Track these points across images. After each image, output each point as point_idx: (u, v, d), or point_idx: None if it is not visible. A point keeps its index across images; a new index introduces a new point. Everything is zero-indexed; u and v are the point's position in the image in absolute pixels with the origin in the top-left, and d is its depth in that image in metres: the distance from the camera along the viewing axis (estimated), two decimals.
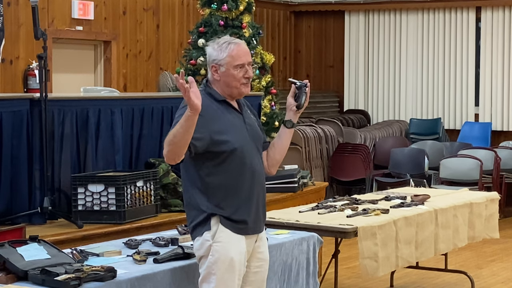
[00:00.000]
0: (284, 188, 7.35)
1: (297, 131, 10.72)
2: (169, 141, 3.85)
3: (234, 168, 4.05)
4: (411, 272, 7.69)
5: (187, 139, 3.84)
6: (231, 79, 4.08)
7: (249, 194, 4.11)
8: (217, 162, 4.03)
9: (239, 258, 4.07)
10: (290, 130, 4.29)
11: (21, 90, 9.04)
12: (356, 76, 13.27)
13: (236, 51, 4.07)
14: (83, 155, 6.13)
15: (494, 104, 12.38)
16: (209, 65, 4.13)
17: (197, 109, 3.75)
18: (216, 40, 4.15)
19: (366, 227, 5.61)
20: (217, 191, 4.05)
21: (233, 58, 4.07)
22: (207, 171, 4.03)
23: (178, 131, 3.81)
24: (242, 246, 4.09)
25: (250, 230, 4.13)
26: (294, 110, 4.25)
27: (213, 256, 4.02)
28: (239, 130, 4.10)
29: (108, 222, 5.72)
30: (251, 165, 4.11)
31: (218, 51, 4.08)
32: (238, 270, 4.06)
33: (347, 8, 13.24)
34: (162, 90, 9.61)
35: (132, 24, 10.51)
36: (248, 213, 4.11)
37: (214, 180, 4.04)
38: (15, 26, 9.08)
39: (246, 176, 4.09)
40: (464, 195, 7.09)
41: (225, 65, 4.07)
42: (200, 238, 4.07)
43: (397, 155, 11.32)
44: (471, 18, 12.51)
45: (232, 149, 4.03)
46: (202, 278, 4.09)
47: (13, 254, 3.94)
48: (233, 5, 9.01)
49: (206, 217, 4.05)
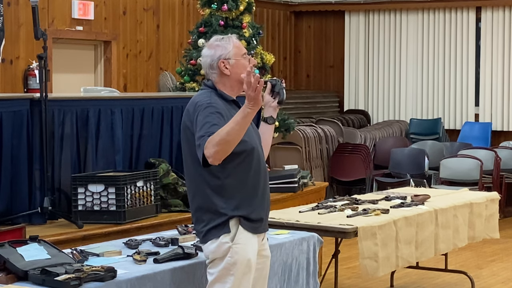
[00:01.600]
0: (284, 188, 7.35)
1: (297, 131, 10.72)
2: (221, 140, 3.81)
3: (252, 168, 4.08)
4: (411, 272, 7.69)
5: (241, 136, 3.85)
6: (242, 68, 4.09)
7: (263, 193, 4.16)
8: (237, 162, 4.03)
9: (255, 258, 4.11)
10: (271, 126, 4.36)
11: (21, 90, 9.04)
12: (356, 76, 13.27)
13: (238, 43, 4.17)
14: (83, 155, 6.13)
15: (494, 104, 12.38)
16: (215, 64, 4.11)
17: (260, 105, 3.78)
18: (212, 39, 4.19)
19: (366, 227, 5.61)
20: (236, 192, 4.05)
21: (238, 48, 4.14)
22: (227, 172, 4.02)
23: (234, 129, 3.80)
24: (256, 246, 4.13)
25: (263, 228, 4.18)
26: (274, 106, 4.30)
27: (232, 258, 4.03)
28: (250, 130, 4.12)
29: (108, 222, 5.72)
30: (264, 164, 4.18)
31: (222, 46, 4.11)
32: (253, 270, 4.11)
33: (347, 8, 13.23)
34: (162, 90, 9.61)
35: (132, 24, 10.51)
36: (263, 211, 4.16)
37: (233, 181, 4.04)
38: (15, 26, 9.08)
39: (261, 175, 4.14)
40: (464, 195, 7.09)
41: (233, 57, 4.11)
42: (216, 240, 4.05)
43: (397, 155, 11.32)
44: (471, 18, 12.51)
45: (251, 148, 4.07)
46: (215, 279, 4.08)
47: (13, 254, 3.94)
48: (233, 5, 9.00)
49: (225, 220, 4.04)
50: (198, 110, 4.00)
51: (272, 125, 4.36)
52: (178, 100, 6.93)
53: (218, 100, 4.05)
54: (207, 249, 4.10)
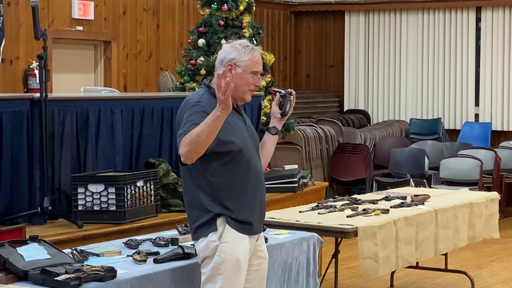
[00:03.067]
0: (284, 188, 7.35)
1: (297, 131, 10.72)
2: (192, 140, 3.82)
3: (239, 169, 4.07)
4: (411, 272, 7.69)
5: (211, 138, 3.84)
6: (243, 82, 4.09)
7: (253, 195, 4.13)
8: (223, 162, 4.04)
9: (245, 258, 4.09)
10: (274, 137, 4.40)
11: (21, 90, 9.03)
12: (356, 76, 13.27)
13: (257, 59, 4.13)
14: (83, 155, 6.12)
15: (494, 104, 12.38)
16: (223, 62, 4.11)
17: (230, 109, 3.76)
18: (238, 41, 4.18)
19: (366, 227, 5.61)
20: (222, 191, 4.05)
21: (253, 63, 4.11)
22: (212, 171, 4.03)
23: (204, 131, 3.79)
24: (247, 246, 4.11)
25: (254, 231, 4.16)
26: (278, 117, 4.38)
27: (220, 257, 4.03)
28: (242, 132, 4.13)
29: (108, 222, 5.72)
30: (255, 166, 4.14)
31: (241, 52, 4.09)
32: (243, 270, 4.09)
33: (347, 8, 13.23)
34: (162, 90, 9.61)
35: (132, 24, 10.50)
36: (253, 214, 4.13)
37: (219, 180, 4.04)
38: (15, 26, 9.08)
39: (251, 176, 4.12)
40: (464, 195, 7.09)
41: (243, 68, 4.09)
42: (205, 239, 4.06)
43: (397, 155, 11.32)
44: (471, 18, 12.51)
45: (238, 150, 4.06)
46: (206, 278, 4.08)
47: (13, 254, 3.94)
48: (233, 5, 9.00)
49: (212, 218, 4.05)
50: (186, 107, 4.03)
51: (275, 136, 4.39)
52: (178, 100, 6.86)
53: (211, 98, 4.03)
54: (198, 247, 4.12)
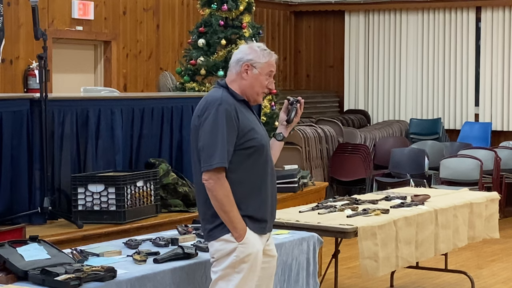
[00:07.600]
0: (284, 188, 7.35)
1: (297, 131, 10.73)
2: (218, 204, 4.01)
3: (259, 165, 4.12)
4: (411, 272, 7.69)
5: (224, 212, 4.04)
6: (258, 84, 4.17)
7: (269, 192, 4.18)
8: (243, 158, 4.06)
9: (260, 257, 4.13)
10: (280, 143, 4.47)
11: (21, 90, 9.04)
12: (356, 76, 13.27)
13: (273, 62, 4.23)
14: (83, 155, 6.12)
15: (494, 104, 12.38)
16: (240, 63, 4.16)
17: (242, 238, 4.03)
18: (256, 44, 4.26)
19: (366, 227, 5.61)
20: (240, 188, 4.06)
21: (268, 66, 4.20)
22: (231, 167, 4.04)
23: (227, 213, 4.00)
24: (260, 245, 4.15)
25: (267, 229, 4.21)
26: (285, 124, 4.47)
27: (238, 257, 4.05)
28: (260, 128, 4.19)
29: (108, 222, 5.72)
30: (271, 163, 4.22)
31: (260, 54, 4.18)
32: (259, 269, 4.14)
33: (347, 8, 13.24)
34: (162, 90, 9.60)
35: (132, 24, 10.50)
36: (267, 212, 4.18)
37: (237, 177, 4.05)
38: (15, 26, 9.08)
39: (268, 174, 4.16)
40: (464, 195, 7.09)
41: (259, 69, 4.16)
42: (221, 238, 4.07)
43: (397, 155, 11.32)
44: (471, 18, 12.51)
45: (260, 145, 4.12)
46: (219, 277, 4.09)
47: (13, 254, 3.94)
48: (233, 5, 9.00)
49: None
50: (208, 108, 4.05)
51: (281, 142, 4.46)
52: (178, 100, 6.93)
53: (230, 97, 4.10)
54: (213, 247, 4.11)
